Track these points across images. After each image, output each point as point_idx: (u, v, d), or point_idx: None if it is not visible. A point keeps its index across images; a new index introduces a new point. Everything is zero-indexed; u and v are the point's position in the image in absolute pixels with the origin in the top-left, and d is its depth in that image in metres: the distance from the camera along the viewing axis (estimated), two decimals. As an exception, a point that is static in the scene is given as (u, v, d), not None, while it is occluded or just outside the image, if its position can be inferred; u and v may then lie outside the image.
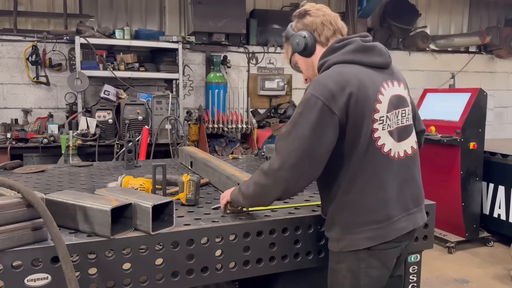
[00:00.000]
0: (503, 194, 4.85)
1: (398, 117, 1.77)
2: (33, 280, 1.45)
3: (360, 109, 1.65)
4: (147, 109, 5.67)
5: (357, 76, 1.68)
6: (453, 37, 8.51)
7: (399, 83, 1.82)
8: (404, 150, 1.79)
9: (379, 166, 1.70)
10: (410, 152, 1.81)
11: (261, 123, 6.95)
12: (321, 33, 1.82)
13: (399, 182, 1.75)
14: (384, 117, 1.71)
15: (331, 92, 1.62)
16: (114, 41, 5.98)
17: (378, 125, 1.69)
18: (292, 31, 1.88)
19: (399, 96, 1.79)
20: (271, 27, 7.38)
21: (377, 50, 1.78)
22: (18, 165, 2.93)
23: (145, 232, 1.60)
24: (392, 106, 1.74)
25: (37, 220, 1.46)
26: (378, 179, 1.70)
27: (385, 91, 1.73)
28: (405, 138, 1.80)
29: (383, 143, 1.71)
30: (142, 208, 1.60)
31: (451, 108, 4.95)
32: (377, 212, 1.70)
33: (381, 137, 1.70)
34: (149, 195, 1.80)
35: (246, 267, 1.79)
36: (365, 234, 1.69)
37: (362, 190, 1.69)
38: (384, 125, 1.71)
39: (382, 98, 1.71)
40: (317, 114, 1.61)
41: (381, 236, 1.70)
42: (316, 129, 1.61)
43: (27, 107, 6.18)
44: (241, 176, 2.16)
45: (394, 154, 1.74)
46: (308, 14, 1.84)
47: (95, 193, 1.80)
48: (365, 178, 1.69)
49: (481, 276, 4.20)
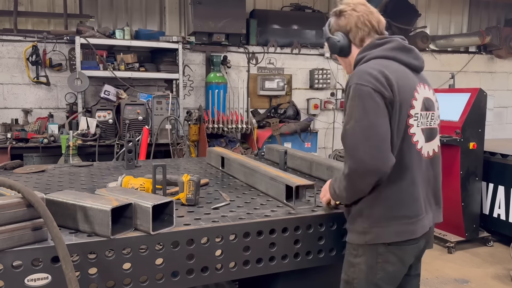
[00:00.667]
0: (502, 194, 4.85)
1: (428, 118, 1.84)
2: (33, 280, 1.45)
3: (400, 100, 1.70)
4: (147, 109, 5.67)
5: (396, 70, 1.74)
6: (453, 37, 8.51)
7: (429, 88, 1.90)
8: (433, 150, 1.87)
9: (413, 162, 1.75)
10: (436, 151, 1.90)
11: (261, 123, 6.96)
12: (355, 36, 1.87)
13: (426, 180, 1.82)
14: (418, 114, 1.77)
15: (376, 78, 1.67)
16: (114, 41, 5.99)
17: (413, 121, 1.75)
18: (328, 32, 1.94)
19: (429, 99, 1.86)
20: (271, 27, 7.39)
21: (415, 52, 1.86)
22: (18, 165, 2.93)
23: (145, 232, 1.60)
24: (424, 107, 1.81)
25: (37, 220, 1.47)
26: (411, 174, 1.74)
27: (420, 90, 1.81)
28: (431, 139, 1.86)
29: (417, 140, 1.77)
30: (142, 208, 1.60)
31: (451, 108, 4.95)
32: (408, 208, 1.74)
33: (416, 133, 1.76)
34: (149, 195, 1.80)
35: (246, 267, 1.79)
36: (394, 228, 1.72)
37: (396, 184, 1.72)
38: (419, 122, 1.77)
39: (418, 96, 1.78)
40: (372, 100, 1.65)
41: (409, 232, 1.74)
42: (379, 112, 1.65)
43: (27, 107, 6.19)
44: (286, 177, 2.13)
45: (424, 153, 1.81)
46: (343, 15, 1.87)
47: (95, 193, 1.80)
48: (400, 172, 1.72)
49: (481, 276, 4.20)
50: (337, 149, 6.71)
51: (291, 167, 2.95)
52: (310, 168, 2.78)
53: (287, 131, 6.81)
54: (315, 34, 7.57)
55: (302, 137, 6.95)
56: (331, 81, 7.70)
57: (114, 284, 1.57)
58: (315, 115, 7.70)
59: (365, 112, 1.65)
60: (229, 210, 1.95)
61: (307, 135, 7.03)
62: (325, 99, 7.75)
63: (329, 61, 7.69)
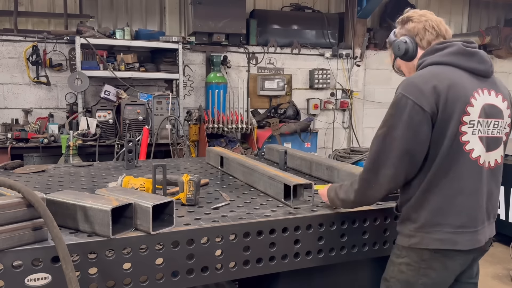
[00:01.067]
0: (502, 194, 4.85)
1: (490, 126, 1.74)
2: (33, 280, 1.45)
3: (448, 110, 1.65)
4: (147, 109, 5.67)
5: (450, 77, 1.69)
6: (453, 37, 8.50)
7: (497, 94, 1.78)
8: (495, 160, 1.78)
9: (463, 171, 1.69)
10: (499, 162, 1.80)
11: (261, 123, 6.96)
12: (422, 38, 1.84)
13: (485, 192, 1.75)
14: (475, 122, 1.69)
15: (421, 90, 1.65)
16: (115, 41, 5.99)
17: (467, 128, 1.67)
18: (394, 37, 1.93)
19: (494, 106, 1.75)
20: (271, 27, 7.39)
21: (479, 56, 1.77)
22: (18, 165, 2.93)
23: (145, 232, 1.60)
24: (484, 113, 1.71)
25: (37, 220, 1.47)
26: (461, 184, 1.69)
27: (478, 96, 1.71)
28: (493, 149, 1.77)
29: (472, 148, 1.69)
30: (142, 208, 1.60)
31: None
32: (454, 217, 1.70)
33: (470, 141, 1.69)
34: (150, 195, 1.80)
35: (246, 267, 1.79)
36: (437, 235, 1.70)
37: (442, 192, 1.70)
38: (475, 130, 1.69)
39: (475, 103, 1.69)
40: (409, 113, 1.64)
41: (452, 242, 1.70)
42: (411, 128, 1.64)
43: (27, 107, 6.19)
44: (285, 177, 2.14)
45: (483, 162, 1.72)
46: (411, 20, 1.87)
47: (95, 193, 1.80)
48: (446, 180, 1.69)
49: (481, 276, 4.16)
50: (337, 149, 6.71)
51: (291, 167, 2.95)
52: (310, 168, 2.78)
53: (287, 131, 6.81)
54: (315, 34, 7.57)
55: (302, 137, 6.96)
56: (331, 81, 7.70)
57: (114, 284, 1.57)
58: (315, 115, 7.71)
59: (399, 124, 1.66)
60: (229, 210, 1.95)
61: (307, 135, 7.04)
62: (325, 99, 7.75)
63: (329, 61, 7.68)
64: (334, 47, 7.61)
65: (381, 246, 2.06)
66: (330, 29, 7.56)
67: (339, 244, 1.96)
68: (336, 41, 7.66)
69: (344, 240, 1.96)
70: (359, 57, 7.76)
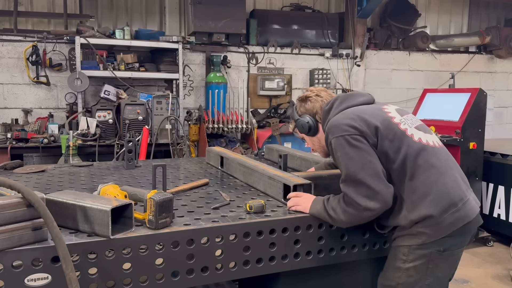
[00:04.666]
0: (502, 194, 4.85)
1: (412, 119, 1.98)
2: (33, 280, 1.45)
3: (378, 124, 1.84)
4: (147, 109, 5.67)
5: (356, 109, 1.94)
6: (453, 37, 8.51)
7: None
8: (437, 142, 1.96)
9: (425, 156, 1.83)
10: (441, 144, 1.98)
11: (261, 123, 6.96)
12: (320, 116, 2.10)
13: (450, 166, 1.90)
14: (403, 119, 1.92)
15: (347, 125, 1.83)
16: (114, 41, 5.99)
17: (404, 125, 1.89)
18: (296, 114, 2.19)
19: (399, 108, 2.03)
20: (271, 27, 7.39)
21: (358, 93, 2.09)
22: (18, 165, 2.93)
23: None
24: (399, 114, 1.97)
25: (37, 220, 1.46)
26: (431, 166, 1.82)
27: (387, 107, 1.99)
28: (427, 132, 1.96)
29: (419, 137, 1.88)
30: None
31: (450, 108, 4.95)
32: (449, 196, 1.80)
33: (414, 133, 1.88)
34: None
35: (246, 267, 1.79)
36: (447, 220, 1.77)
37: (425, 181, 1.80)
38: (409, 124, 1.91)
39: (389, 109, 1.97)
40: (351, 146, 1.80)
41: (461, 218, 1.79)
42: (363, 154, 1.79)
43: (27, 107, 6.19)
44: (284, 177, 2.14)
45: (430, 142, 1.89)
46: (309, 100, 2.15)
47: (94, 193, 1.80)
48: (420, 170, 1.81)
49: (481, 276, 4.21)
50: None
51: (291, 167, 2.95)
52: (310, 168, 2.78)
53: (287, 131, 6.81)
54: (315, 34, 7.57)
55: (302, 137, 6.95)
56: (331, 81, 7.69)
57: (114, 284, 1.57)
58: (315, 115, 7.69)
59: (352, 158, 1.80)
60: (229, 210, 1.95)
61: (307, 135, 7.02)
62: (325, 99, 7.74)
63: (329, 61, 7.69)
64: (334, 47, 7.61)
65: (381, 246, 2.06)
66: (330, 29, 7.57)
67: (339, 244, 1.96)
68: (336, 41, 7.66)
69: (344, 240, 1.96)
70: (359, 57, 7.76)
